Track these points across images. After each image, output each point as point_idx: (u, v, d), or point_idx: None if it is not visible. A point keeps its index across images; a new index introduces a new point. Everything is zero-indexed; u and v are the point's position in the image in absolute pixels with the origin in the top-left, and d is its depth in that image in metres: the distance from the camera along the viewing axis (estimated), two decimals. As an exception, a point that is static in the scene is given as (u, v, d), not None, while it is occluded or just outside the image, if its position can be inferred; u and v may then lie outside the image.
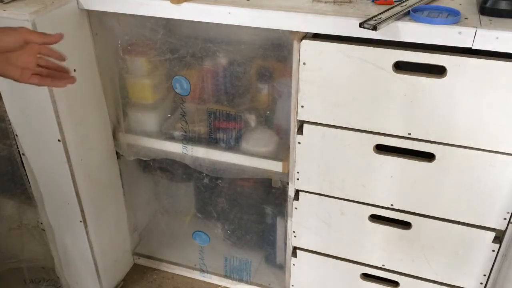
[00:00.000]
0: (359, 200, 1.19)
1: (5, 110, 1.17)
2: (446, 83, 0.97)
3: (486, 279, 1.18)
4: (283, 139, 1.26)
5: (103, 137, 1.35)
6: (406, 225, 1.18)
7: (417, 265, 1.23)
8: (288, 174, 1.23)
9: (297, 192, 1.25)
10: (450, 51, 0.95)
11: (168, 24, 1.19)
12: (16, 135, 1.21)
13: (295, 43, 1.04)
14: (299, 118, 1.13)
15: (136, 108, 1.35)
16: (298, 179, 1.21)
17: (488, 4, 0.95)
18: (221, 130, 1.31)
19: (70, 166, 1.23)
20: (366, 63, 1.00)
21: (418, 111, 1.02)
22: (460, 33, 0.91)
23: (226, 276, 1.59)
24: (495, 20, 0.94)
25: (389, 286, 1.30)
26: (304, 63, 1.05)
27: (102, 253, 1.43)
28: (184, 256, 1.63)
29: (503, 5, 0.94)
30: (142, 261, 1.66)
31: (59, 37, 0.84)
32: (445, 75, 0.97)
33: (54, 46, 1.08)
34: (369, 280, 1.31)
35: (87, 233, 1.35)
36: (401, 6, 0.99)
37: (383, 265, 1.27)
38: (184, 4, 1.06)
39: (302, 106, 1.11)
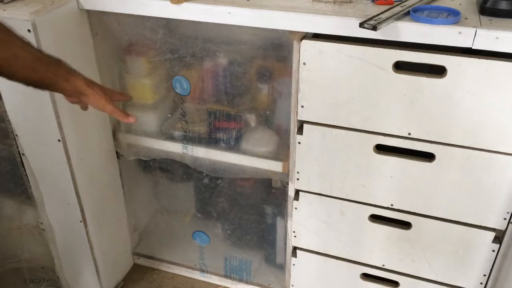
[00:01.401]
0: (359, 200, 1.19)
1: (5, 110, 1.17)
2: (446, 83, 0.97)
3: (486, 279, 1.18)
4: (283, 139, 1.26)
5: (103, 137, 1.35)
6: (406, 225, 1.18)
7: (417, 265, 1.23)
8: (288, 174, 1.23)
9: (297, 192, 1.25)
10: (450, 51, 0.95)
11: (168, 24, 1.18)
12: (16, 135, 1.21)
13: (295, 43, 1.04)
14: (299, 118, 1.13)
15: (136, 108, 1.35)
16: (298, 179, 1.21)
17: (488, 4, 0.95)
18: (221, 130, 1.31)
19: (70, 166, 1.23)
20: (366, 63, 1.00)
21: (418, 111, 1.02)
22: (460, 33, 0.91)
23: (226, 276, 1.59)
24: (495, 20, 0.94)
25: (389, 286, 1.30)
26: (304, 63, 1.05)
27: (102, 253, 1.43)
28: (184, 256, 1.63)
29: (503, 5, 0.94)
30: (142, 261, 1.66)
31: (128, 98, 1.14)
32: (445, 75, 0.97)
33: (53, 48, 1.09)
34: (369, 280, 1.31)
35: (87, 233, 1.35)
36: (401, 6, 0.99)
37: (383, 265, 1.27)
38: (184, 4, 1.06)
39: (302, 106, 1.11)
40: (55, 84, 0.88)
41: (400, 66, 0.99)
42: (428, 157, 1.07)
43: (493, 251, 1.13)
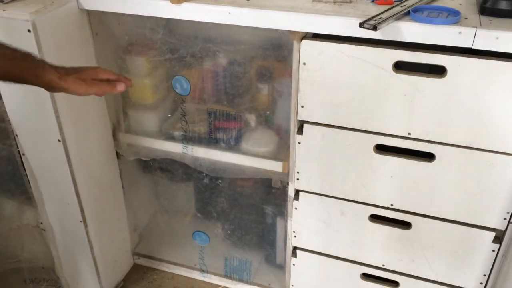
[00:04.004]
0: (359, 200, 1.19)
1: (5, 110, 1.17)
2: (446, 83, 0.97)
3: (486, 279, 1.18)
4: (283, 139, 1.26)
5: (103, 137, 1.35)
6: (406, 225, 1.18)
7: (417, 265, 1.23)
8: (288, 174, 1.23)
9: (297, 192, 1.25)
10: (450, 51, 0.95)
11: (168, 24, 1.19)
12: (16, 135, 1.21)
13: (295, 43, 1.04)
14: (299, 118, 1.13)
15: (136, 108, 1.35)
16: (298, 179, 1.21)
17: (488, 4, 0.95)
18: (221, 130, 1.31)
19: (70, 166, 1.23)
20: (366, 63, 1.00)
21: (418, 111, 1.02)
22: (460, 33, 0.91)
23: (226, 276, 1.59)
24: (495, 20, 0.94)
25: (389, 286, 1.30)
26: (304, 63, 1.05)
27: (102, 253, 1.43)
28: (184, 256, 1.63)
29: (503, 5, 0.94)
30: (142, 261, 1.66)
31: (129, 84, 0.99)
32: (445, 75, 0.97)
33: (52, 48, 1.08)
34: (369, 280, 1.31)
35: (87, 233, 1.35)
36: (401, 6, 0.99)
37: (383, 265, 1.27)
38: (184, 4, 1.06)
39: (302, 106, 1.11)
40: (25, 80, 0.85)
41: (400, 66, 0.99)
42: (428, 157, 1.07)
43: (493, 251, 1.13)
